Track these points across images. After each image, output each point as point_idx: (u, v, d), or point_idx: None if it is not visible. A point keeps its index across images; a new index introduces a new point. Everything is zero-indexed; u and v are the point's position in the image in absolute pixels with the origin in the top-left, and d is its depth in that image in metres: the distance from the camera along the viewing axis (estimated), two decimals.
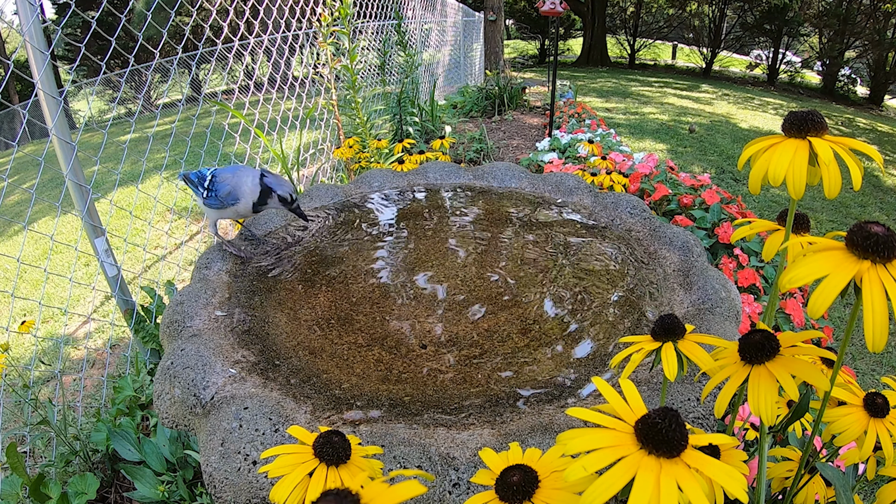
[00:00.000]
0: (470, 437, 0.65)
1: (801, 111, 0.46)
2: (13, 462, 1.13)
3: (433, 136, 3.79)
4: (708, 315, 0.84)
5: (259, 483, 0.59)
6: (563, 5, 3.52)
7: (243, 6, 2.10)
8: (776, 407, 0.49)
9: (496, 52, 7.51)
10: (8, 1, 1.72)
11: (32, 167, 6.12)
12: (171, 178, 4.19)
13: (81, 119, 10.45)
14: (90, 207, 1.38)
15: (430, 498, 0.57)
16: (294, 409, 0.69)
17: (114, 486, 1.33)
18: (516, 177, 1.43)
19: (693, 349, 0.51)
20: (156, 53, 1.73)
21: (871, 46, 12.11)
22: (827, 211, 3.87)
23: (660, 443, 0.35)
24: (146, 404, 1.47)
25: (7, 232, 4.10)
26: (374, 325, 0.89)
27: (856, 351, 2.21)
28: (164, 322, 0.87)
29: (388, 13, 3.94)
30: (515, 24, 18.79)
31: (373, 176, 1.44)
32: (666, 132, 5.71)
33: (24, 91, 11.85)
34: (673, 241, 1.07)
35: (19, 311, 2.61)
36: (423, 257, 1.10)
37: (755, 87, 12.13)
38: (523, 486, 0.40)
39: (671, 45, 18.39)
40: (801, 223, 0.59)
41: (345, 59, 2.23)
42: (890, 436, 0.54)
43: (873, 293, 0.37)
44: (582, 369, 0.80)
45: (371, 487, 0.39)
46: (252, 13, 2.14)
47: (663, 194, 2.23)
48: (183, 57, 2.01)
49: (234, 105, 2.20)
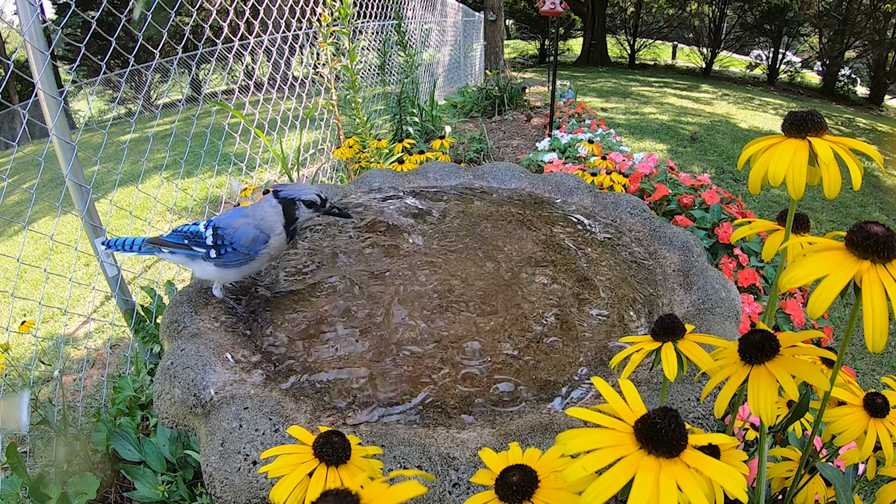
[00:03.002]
0: (470, 437, 0.66)
1: (801, 111, 0.46)
2: (13, 462, 1.13)
3: (433, 136, 3.79)
4: (708, 315, 0.84)
5: (259, 483, 0.59)
6: (563, 5, 3.52)
7: (243, 6, 2.10)
8: (776, 407, 0.49)
9: (496, 52, 7.51)
10: (8, 1, 1.72)
11: (32, 167, 6.12)
12: (171, 178, 4.19)
13: (81, 119, 10.45)
14: (90, 207, 1.38)
15: (430, 498, 0.57)
16: (294, 409, 0.69)
17: (114, 486, 1.33)
18: (516, 177, 1.43)
19: (693, 349, 0.51)
20: (156, 53, 1.73)
21: (871, 46, 12.11)
22: (827, 211, 3.87)
23: (659, 443, 0.35)
24: (146, 404, 1.47)
25: (7, 232, 4.10)
26: (374, 326, 0.89)
27: (856, 351, 2.21)
28: (164, 322, 0.87)
29: (388, 13, 3.94)
30: (515, 24, 18.79)
31: (373, 176, 1.44)
32: (666, 132, 5.71)
33: (24, 91, 11.84)
34: (673, 241, 1.07)
35: (19, 311, 2.61)
36: (422, 257, 1.10)
37: (755, 88, 12.13)
38: (523, 486, 0.40)
39: (671, 45, 18.39)
40: (800, 223, 0.59)
41: (345, 59, 2.23)
42: (890, 436, 0.54)
43: (873, 293, 0.37)
44: (582, 369, 0.80)
45: (371, 487, 0.39)
46: (252, 13, 2.14)
47: (663, 194, 2.23)
48: (183, 57, 2.01)
49: (234, 105, 2.20)
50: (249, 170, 2.34)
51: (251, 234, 0.84)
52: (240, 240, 0.84)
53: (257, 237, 0.85)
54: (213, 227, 0.87)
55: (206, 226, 0.87)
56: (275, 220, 0.86)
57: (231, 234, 0.85)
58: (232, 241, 0.85)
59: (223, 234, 0.85)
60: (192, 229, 0.88)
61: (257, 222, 0.85)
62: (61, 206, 1.44)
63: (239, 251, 0.85)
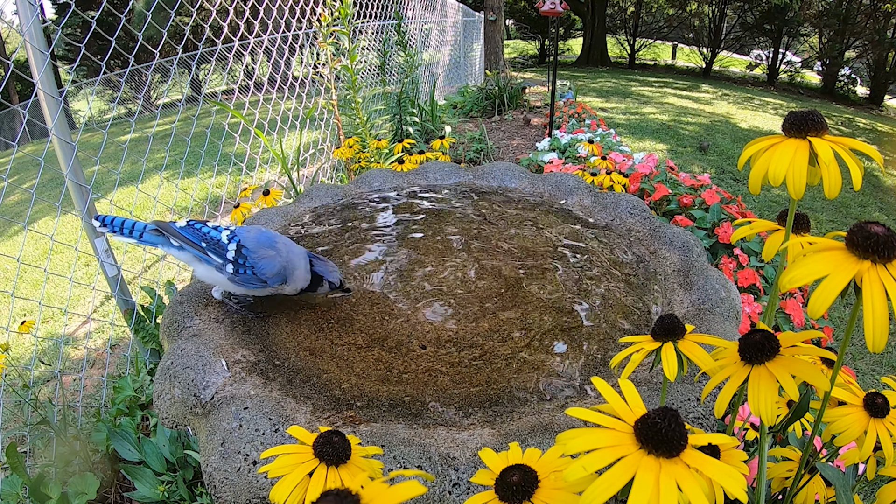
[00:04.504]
0: (470, 437, 0.66)
1: (802, 111, 0.46)
2: (13, 462, 1.13)
3: (433, 136, 3.79)
4: (708, 315, 0.84)
5: (259, 483, 0.59)
6: (563, 5, 3.52)
7: (243, 6, 2.10)
8: (776, 407, 0.49)
9: (496, 52, 7.51)
10: (8, 1, 1.73)
11: (32, 167, 6.12)
12: (171, 178, 4.19)
13: (81, 119, 10.45)
14: (90, 207, 1.38)
15: (430, 498, 0.57)
16: (294, 409, 0.69)
17: (114, 486, 1.33)
18: (516, 177, 1.43)
19: (693, 349, 0.51)
20: (156, 53, 1.73)
21: (871, 46, 12.10)
22: (827, 211, 3.87)
23: (659, 443, 0.35)
24: (146, 404, 1.47)
25: (7, 232, 4.10)
26: (374, 326, 0.89)
27: (856, 351, 2.21)
28: (164, 322, 0.87)
29: (388, 13, 3.94)
30: (515, 24, 18.79)
31: (373, 176, 1.44)
32: (666, 132, 5.71)
33: (24, 91, 11.84)
34: (673, 241, 1.07)
35: (19, 311, 2.61)
36: (422, 257, 1.10)
37: (755, 87, 12.13)
38: (523, 486, 0.40)
39: (671, 45, 18.39)
40: (801, 223, 0.59)
41: (345, 59, 2.23)
42: (890, 436, 0.54)
43: (873, 293, 0.37)
44: (582, 369, 0.80)
45: (371, 487, 0.39)
46: (252, 13, 2.14)
47: (663, 194, 2.23)
48: (183, 57, 2.01)
49: (234, 105, 2.20)
50: (249, 170, 2.34)
51: (276, 269, 0.85)
52: (263, 269, 0.84)
53: (280, 274, 0.85)
54: (237, 243, 0.86)
55: (229, 237, 0.86)
56: (301, 281, 0.88)
57: (256, 259, 0.84)
58: (254, 265, 0.84)
59: (247, 255, 0.85)
60: (214, 235, 0.86)
61: (285, 264, 0.86)
62: (61, 206, 1.44)
63: (258, 277, 0.85)
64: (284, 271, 0.86)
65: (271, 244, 0.86)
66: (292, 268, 0.86)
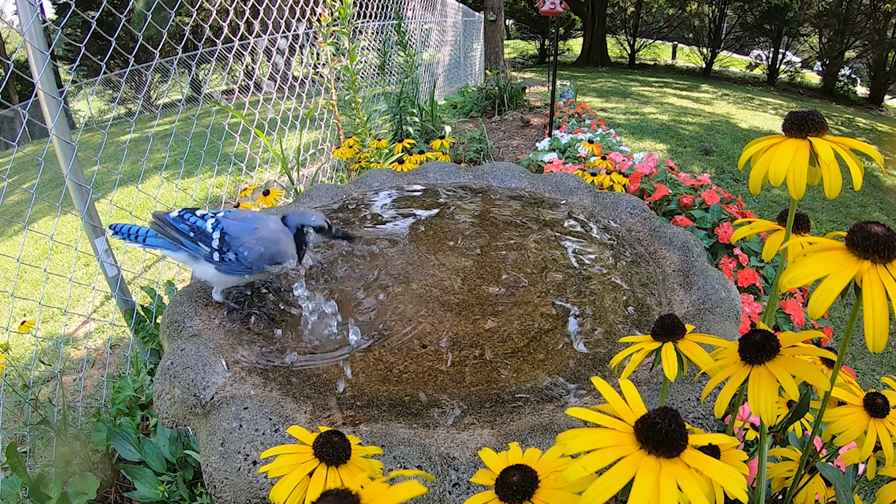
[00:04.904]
0: (470, 437, 0.66)
1: (802, 111, 0.46)
2: (13, 462, 1.13)
3: (433, 136, 3.79)
4: (708, 315, 0.84)
5: (259, 483, 0.59)
6: (563, 5, 3.52)
7: (243, 6, 2.10)
8: (776, 407, 0.49)
9: (496, 52, 7.51)
10: (8, 1, 1.73)
11: (32, 167, 6.12)
12: (171, 178, 4.19)
13: (81, 119, 10.45)
14: (90, 207, 1.38)
15: (430, 498, 0.57)
16: (294, 409, 0.69)
17: (114, 486, 1.33)
18: (516, 177, 1.43)
19: (693, 349, 0.51)
20: (156, 53, 1.73)
21: (871, 46, 12.10)
22: (827, 211, 3.87)
23: (659, 443, 0.35)
24: (146, 404, 1.47)
25: (7, 232, 4.10)
26: (374, 326, 0.89)
27: (856, 351, 2.21)
28: (164, 322, 0.87)
29: (388, 13, 3.94)
30: (515, 24, 18.79)
31: (373, 176, 1.44)
32: (666, 132, 5.71)
33: (24, 91, 11.84)
34: (673, 241, 1.07)
35: (19, 311, 2.61)
36: (423, 257, 1.10)
37: (755, 87, 12.12)
38: (523, 486, 0.40)
39: (671, 45, 18.38)
40: (801, 223, 0.59)
41: (345, 60, 2.23)
42: (890, 436, 0.54)
43: (873, 293, 0.37)
44: (582, 369, 0.80)
45: (371, 487, 0.39)
46: (252, 13, 2.14)
47: (663, 194, 2.23)
48: (183, 57, 2.01)
49: (234, 105, 2.20)
50: (249, 170, 2.34)
51: (258, 253, 0.85)
52: (244, 254, 0.85)
53: (262, 255, 0.85)
54: (221, 230, 0.86)
55: (213, 226, 0.86)
56: (289, 248, 0.87)
57: (237, 245, 0.85)
58: (237, 251, 0.85)
59: (230, 242, 0.85)
60: (199, 224, 0.86)
61: (271, 244, 0.86)
62: (61, 206, 1.44)
63: (242, 263, 0.85)
64: (271, 251, 0.85)
65: (251, 228, 0.86)
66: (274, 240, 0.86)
